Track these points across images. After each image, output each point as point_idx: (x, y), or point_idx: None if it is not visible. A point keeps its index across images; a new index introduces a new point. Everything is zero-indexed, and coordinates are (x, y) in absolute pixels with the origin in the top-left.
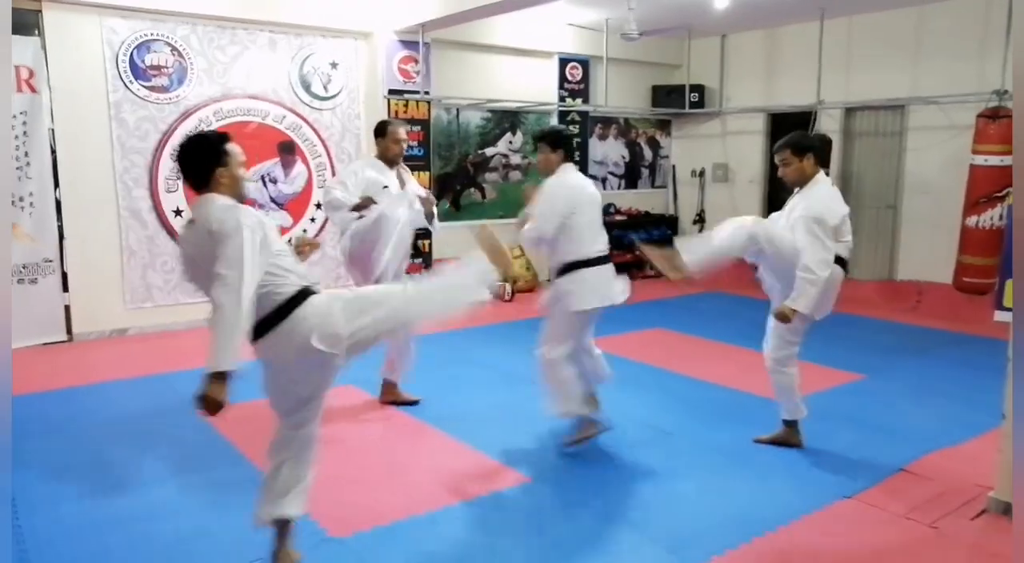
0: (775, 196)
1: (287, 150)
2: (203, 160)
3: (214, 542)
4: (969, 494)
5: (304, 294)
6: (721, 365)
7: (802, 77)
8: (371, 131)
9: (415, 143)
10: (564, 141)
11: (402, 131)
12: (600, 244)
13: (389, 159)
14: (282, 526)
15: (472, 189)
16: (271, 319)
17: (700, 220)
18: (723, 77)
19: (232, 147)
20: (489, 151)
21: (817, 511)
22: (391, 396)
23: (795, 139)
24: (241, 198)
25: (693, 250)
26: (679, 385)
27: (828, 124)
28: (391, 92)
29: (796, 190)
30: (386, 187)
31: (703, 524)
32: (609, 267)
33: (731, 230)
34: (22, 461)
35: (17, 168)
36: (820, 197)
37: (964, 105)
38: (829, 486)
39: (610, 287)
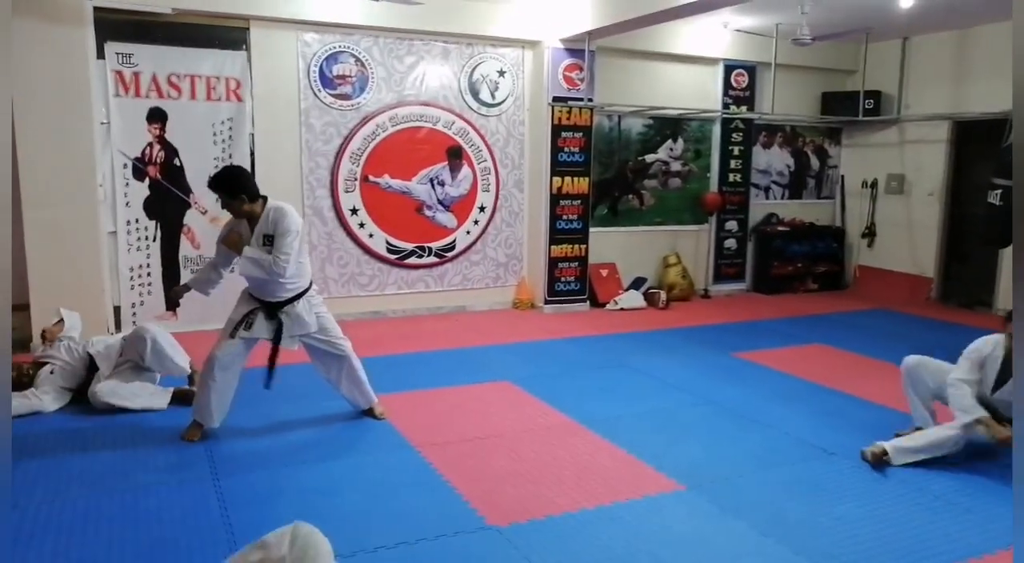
0: (957, 211)
1: (455, 155)
2: None
3: (384, 517)
4: None
5: None
6: (886, 384)
7: (995, 81)
8: (535, 138)
9: (576, 149)
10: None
11: None
12: None
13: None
14: None
15: (630, 195)
16: None
17: (870, 233)
18: (903, 82)
19: None
20: (649, 158)
21: (1000, 550)
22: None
23: None
24: None
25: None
26: (840, 403)
27: None
28: (555, 99)
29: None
30: None
31: (865, 549)
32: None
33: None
34: (223, 431)
35: None
36: None
37: None
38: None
39: None
